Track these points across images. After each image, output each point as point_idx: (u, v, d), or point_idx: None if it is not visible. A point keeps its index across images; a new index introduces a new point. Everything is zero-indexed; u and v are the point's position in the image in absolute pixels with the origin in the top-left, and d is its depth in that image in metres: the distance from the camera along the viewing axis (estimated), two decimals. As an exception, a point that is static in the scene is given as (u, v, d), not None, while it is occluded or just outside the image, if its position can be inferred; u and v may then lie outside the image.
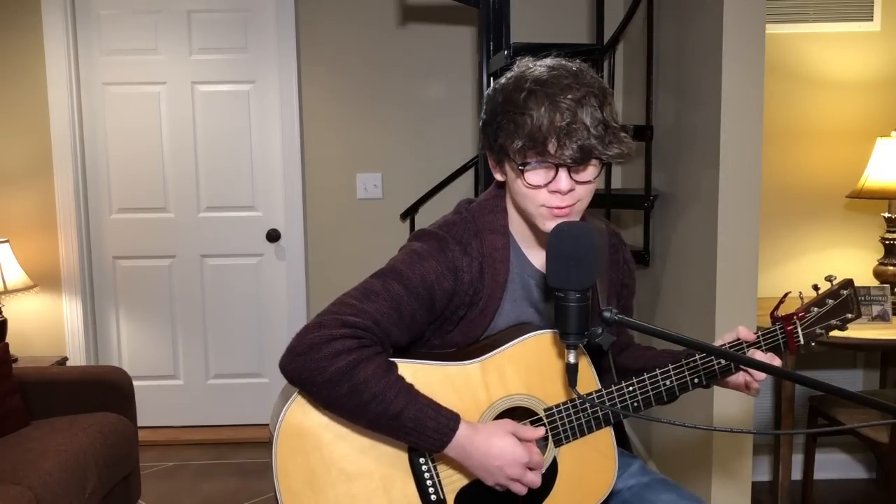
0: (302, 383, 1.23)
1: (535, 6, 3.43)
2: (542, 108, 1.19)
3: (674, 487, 1.42)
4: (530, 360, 1.30)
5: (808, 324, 1.37)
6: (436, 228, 1.34)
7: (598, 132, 1.20)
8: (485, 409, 1.29)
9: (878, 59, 2.93)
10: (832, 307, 1.38)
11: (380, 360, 1.22)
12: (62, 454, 2.28)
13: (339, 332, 1.20)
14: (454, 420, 1.22)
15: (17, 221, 3.47)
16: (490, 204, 1.37)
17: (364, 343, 1.21)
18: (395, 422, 1.20)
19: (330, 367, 1.18)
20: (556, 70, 1.23)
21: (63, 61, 3.40)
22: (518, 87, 1.23)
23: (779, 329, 1.37)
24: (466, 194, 3.43)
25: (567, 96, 1.19)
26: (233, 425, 3.68)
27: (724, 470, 2.31)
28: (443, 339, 1.35)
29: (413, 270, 1.27)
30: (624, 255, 1.52)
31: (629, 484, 1.44)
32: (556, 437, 1.31)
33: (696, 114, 2.40)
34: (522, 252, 1.36)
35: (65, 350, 3.51)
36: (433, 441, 1.21)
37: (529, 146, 1.21)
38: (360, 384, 1.18)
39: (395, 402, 1.19)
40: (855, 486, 3.06)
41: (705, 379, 1.34)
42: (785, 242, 3.00)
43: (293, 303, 3.60)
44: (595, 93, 1.21)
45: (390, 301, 1.24)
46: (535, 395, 1.31)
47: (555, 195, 1.23)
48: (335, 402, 1.22)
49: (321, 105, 3.54)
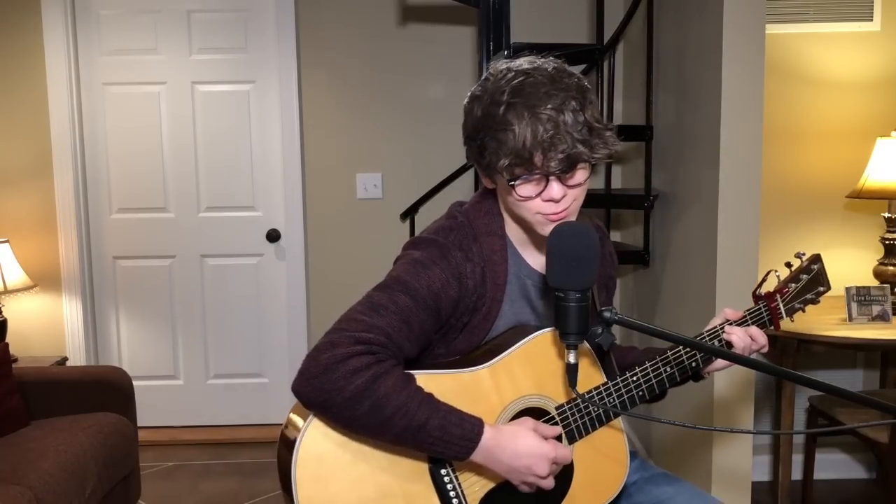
0: (320, 406, 1.18)
1: (535, 6, 3.43)
2: (523, 121, 1.16)
3: (674, 480, 1.44)
4: (537, 360, 1.30)
5: (788, 299, 1.45)
6: (433, 235, 1.32)
7: (582, 136, 1.18)
8: (499, 412, 1.29)
9: (878, 59, 2.93)
10: (806, 282, 1.46)
11: (397, 372, 1.19)
12: (62, 454, 2.28)
13: (353, 349, 1.16)
14: (478, 425, 1.20)
15: (17, 221, 3.47)
16: (484, 206, 1.36)
17: (380, 358, 1.18)
18: (421, 433, 1.17)
19: (349, 387, 1.15)
20: (531, 76, 1.19)
21: (63, 61, 3.40)
22: (495, 101, 1.19)
23: (763, 307, 1.44)
24: (466, 194, 3.43)
25: (547, 106, 1.16)
26: (233, 425, 3.68)
27: (724, 470, 2.31)
28: (447, 348, 1.34)
29: (419, 281, 1.25)
30: (609, 248, 1.53)
31: (633, 479, 1.45)
32: (570, 434, 1.32)
33: (696, 114, 2.40)
34: (518, 252, 1.36)
35: (65, 350, 3.51)
36: (459, 448, 1.19)
37: (516, 163, 1.19)
38: (381, 399, 1.16)
39: (418, 413, 1.17)
40: (855, 486, 3.06)
41: (701, 362, 1.37)
42: (785, 242, 3.00)
43: (293, 303, 3.60)
44: (574, 95, 1.19)
45: (399, 314, 1.22)
46: (546, 394, 1.31)
47: (549, 203, 1.23)
48: (357, 421, 1.18)
49: (321, 105, 3.54)
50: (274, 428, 3.59)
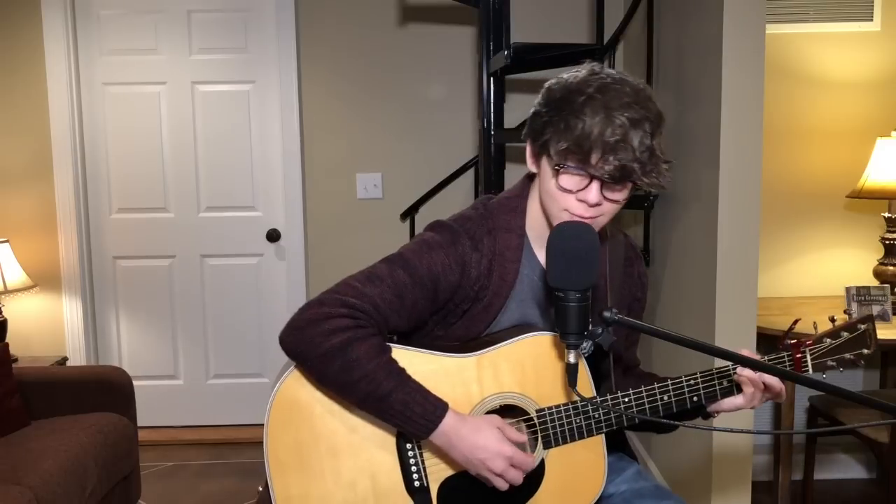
0: (298, 356, 1.26)
1: (535, 6, 3.43)
2: (597, 117, 1.18)
3: (665, 495, 1.40)
4: (526, 360, 1.31)
5: (818, 354, 1.33)
6: (451, 221, 1.36)
7: (642, 157, 1.19)
8: (476, 403, 1.30)
9: (878, 59, 2.93)
10: (847, 340, 1.33)
11: (374, 341, 1.24)
12: (62, 454, 2.28)
13: (337, 310, 1.23)
14: (441, 408, 1.23)
15: (17, 221, 3.47)
16: (512, 203, 1.37)
17: (360, 324, 1.23)
18: (383, 403, 1.21)
19: (325, 343, 1.21)
20: (619, 84, 1.21)
21: (63, 61, 3.40)
22: (579, 90, 1.21)
23: (786, 355, 1.33)
24: (466, 194, 3.44)
25: (624, 113, 1.18)
26: (233, 425, 3.68)
27: (724, 470, 2.31)
28: (445, 331, 1.36)
29: (420, 260, 1.29)
30: (638, 269, 1.50)
31: (621, 489, 1.43)
32: (546, 439, 1.31)
33: (696, 114, 2.40)
34: (535, 254, 1.37)
35: (65, 350, 3.51)
36: (419, 426, 1.22)
37: (573, 151, 1.20)
38: (351, 362, 1.21)
39: (384, 383, 1.21)
40: (855, 486, 3.06)
41: (704, 398, 1.32)
42: (785, 242, 3.00)
43: (293, 303, 3.60)
44: (651, 118, 1.20)
45: (393, 287, 1.26)
46: (528, 395, 1.31)
47: (581, 204, 1.23)
48: (327, 378, 1.24)
49: (321, 105, 3.54)
50: (274, 428, 3.58)
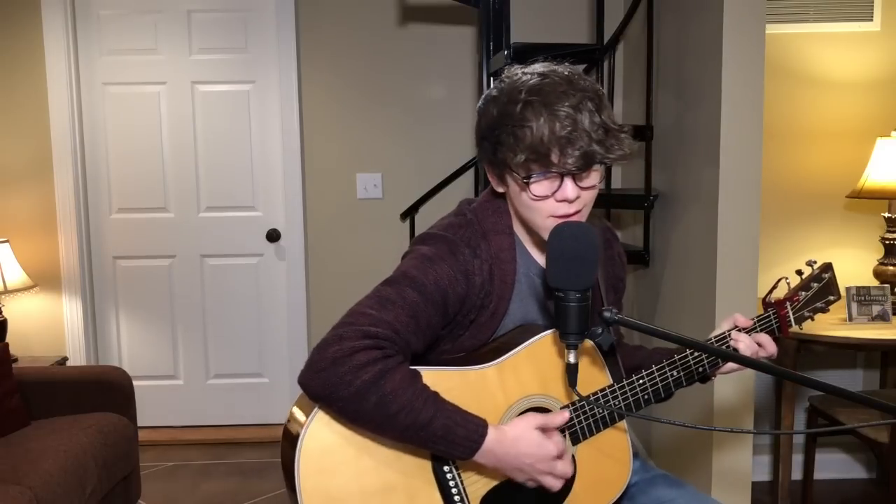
0: (327, 399, 1.18)
1: (535, 6, 3.43)
2: (541, 118, 1.18)
3: (676, 483, 1.44)
4: (543, 360, 1.30)
5: (798, 307, 1.43)
6: (443, 231, 1.32)
7: (598, 136, 1.19)
8: (503, 411, 1.29)
9: (878, 59, 2.93)
10: (817, 290, 1.44)
11: (404, 369, 1.19)
12: (62, 454, 2.27)
13: (361, 343, 1.16)
14: (482, 426, 1.20)
15: (17, 221, 3.47)
16: (494, 204, 1.36)
17: (388, 353, 1.18)
18: (425, 432, 1.17)
19: (356, 381, 1.15)
20: (548, 77, 1.21)
21: (63, 61, 3.40)
22: (512, 100, 1.21)
23: (772, 314, 1.42)
24: (466, 194, 3.43)
25: (564, 104, 1.18)
26: (233, 425, 3.68)
27: (724, 470, 2.31)
28: (453, 344, 1.34)
29: (427, 276, 1.25)
30: (618, 250, 1.53)
31: (633, 480, 1.45)
32: (574, 435, 1.32)
33: (696, 114, 2.40)
34: (527, 251, 1.36)
35: (65, 350, 3.51)
36: (463, 448, 1.19)
37: (532, 159, 1.19)
38: (387, 395, 1.15)
39: (423, 411, 1.17)
40: (855, 486, 3.06)
41: (709, 368, 1.36)
42: (785, 242, 3.00)
43: (293, 303, 3.60)
44: (591, 97, 1.20)
45: (407, 309, 1.22)
46: (551, 394, 1.31)
47: (562, 203, 1.23)
48: (362, 416, 1.18)
49: (321, 105, 3.54)
50: (274, 428, 3.59)
